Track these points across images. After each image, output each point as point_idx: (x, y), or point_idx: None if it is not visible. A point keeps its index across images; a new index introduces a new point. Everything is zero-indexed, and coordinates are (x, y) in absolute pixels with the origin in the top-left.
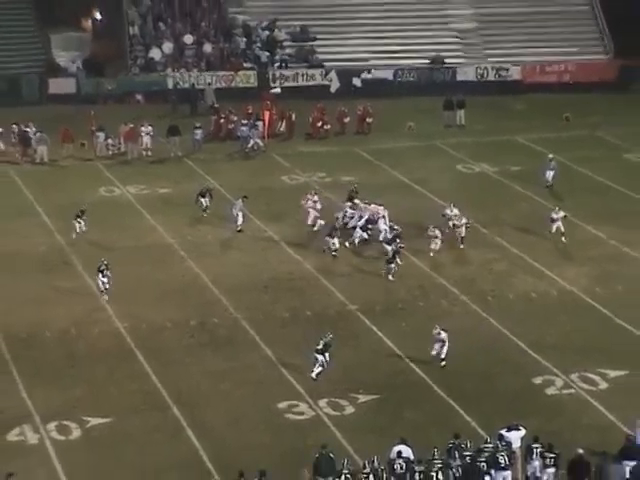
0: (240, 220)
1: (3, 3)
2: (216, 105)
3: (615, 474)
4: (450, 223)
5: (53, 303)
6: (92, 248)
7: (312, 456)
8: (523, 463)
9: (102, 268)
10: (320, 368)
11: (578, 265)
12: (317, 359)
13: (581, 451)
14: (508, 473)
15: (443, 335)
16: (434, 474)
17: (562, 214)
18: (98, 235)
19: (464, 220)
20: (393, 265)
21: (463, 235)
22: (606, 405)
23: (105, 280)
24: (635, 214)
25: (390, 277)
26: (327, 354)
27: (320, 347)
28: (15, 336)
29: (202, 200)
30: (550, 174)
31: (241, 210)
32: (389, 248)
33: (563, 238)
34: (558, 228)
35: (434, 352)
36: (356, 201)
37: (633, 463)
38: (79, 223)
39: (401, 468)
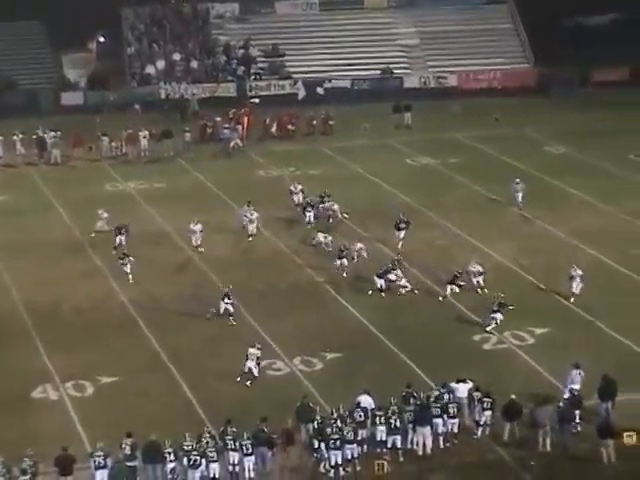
0: (250, 227)
1: (23, 31)
2: (198, 110)
3: (543, 416)
4: (474, 280)
5: (68, 282)
6: (100, 235)
7: (289, 405)
8: (467, 410)
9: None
10: (494, 324)
11: (507, 241)
12: (495, 318)
13: (513, 396)
14: (456, 421)
15: (253, 351)
16: (390, 417)
17: (580, 272)
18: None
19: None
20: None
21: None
22: (533, 357)
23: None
24: (554, 197)
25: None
26: (502, 313)
27: (496, 308)
28: (36, 310)
29: (118, 237)
30: (519, 195)
31: (246, 215)
32: (381, 282)
33: (573, 298)
34: (577, 285)
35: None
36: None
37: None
38: (121, 236)
39: (360, 416)
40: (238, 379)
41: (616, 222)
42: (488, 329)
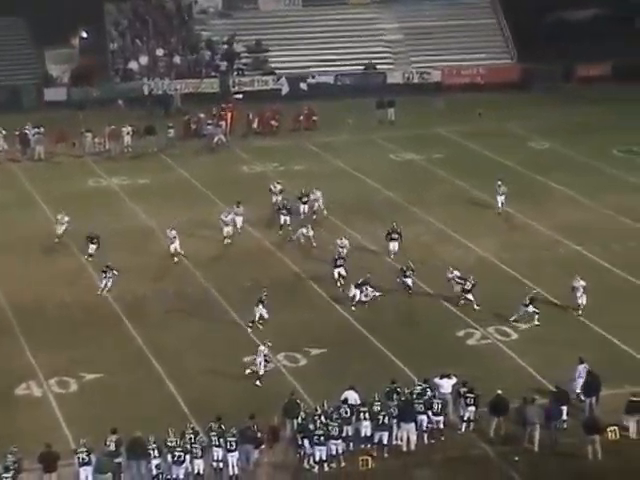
0: (239, 224)
1: (5, 27)
2: (180, 106)
3: (532, 414)
4: (459, 288)
5: (52, 279)
6: (84, 232)
7: (273, 401)
8: (452, 406)
9: (105, 269)
10: (517, 316)
11: (490, 235)
12: (526, 311)
13: (500, 392)
14: (441, 418)
15: (262, 348)
16: (378, 413)
17: (583, 283)
18: (89, 220)
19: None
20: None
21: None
22: (517, 353)
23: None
24: (538, 191)
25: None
26: (533, 306)
27: (527, 302)
28: (21, 307)
29: (90, 247)
30: (501, 199)
31: (237, 215)
32: (356, 292)
33: (580, 310)
34: (581, 296)
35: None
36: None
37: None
38: (92, 246)
39: (346, 413)
40: (258, 383)
41: (599, 217)
42: (511, 319)
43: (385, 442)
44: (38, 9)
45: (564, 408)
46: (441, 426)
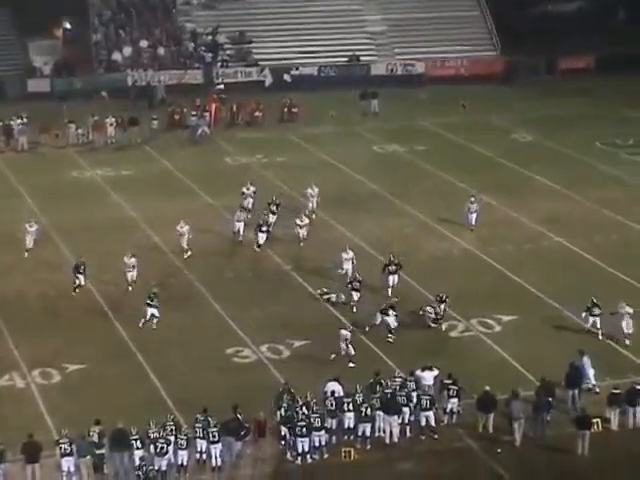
0: (241, 230)
1: None
2: (164, 96)
3: (518, 408)
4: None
5: (36, 271)
6: (67, 223)
7: (256, 393)
8: (438, 397)
9: (152, 297)
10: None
11: (474, 228)
12: (587, 318)
13: (487, 388)
14: (431, 414)
15: (344, 332)
16: (361, 405)
17: (630, 310)
18: (72, 211)
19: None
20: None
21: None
22: (500, 344)
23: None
24: (521, 184)
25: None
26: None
27: (590, 306)
28: (3, 298)
29: (77, 279)
30: (473, 217)
31: (239, 220)
32: (389, 319)
33: (628, 340)
34: (627, 324)
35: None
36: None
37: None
38: (78, 278)
39: (331, 405)
40: (332, 357)
41: (582, 210)
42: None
43: (368, 434)
44: (22, 0)
45: (551, 400)
46: (432, 423)
